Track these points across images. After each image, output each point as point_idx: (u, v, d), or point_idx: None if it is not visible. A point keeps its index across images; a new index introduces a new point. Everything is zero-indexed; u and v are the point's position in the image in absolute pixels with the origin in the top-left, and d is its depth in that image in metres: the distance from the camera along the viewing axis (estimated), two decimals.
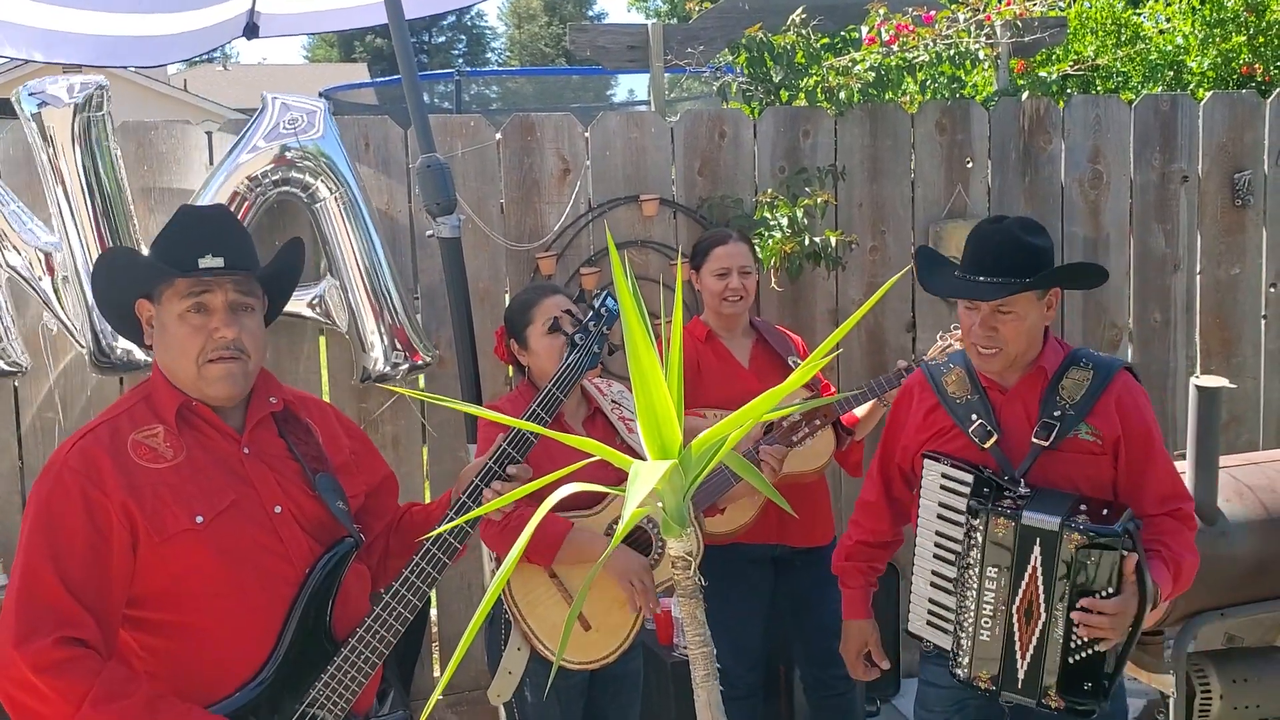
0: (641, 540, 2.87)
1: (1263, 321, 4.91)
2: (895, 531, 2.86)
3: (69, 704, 1.88)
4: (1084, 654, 2.42)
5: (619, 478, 1.66)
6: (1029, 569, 2.44)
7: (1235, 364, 4.85)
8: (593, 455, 1.75)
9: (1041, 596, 2.44)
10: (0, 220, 3.45)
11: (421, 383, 4.03)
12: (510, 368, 3.73)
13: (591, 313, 2.63)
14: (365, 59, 33.74)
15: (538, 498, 1.73)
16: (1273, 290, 4.89)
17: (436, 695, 1.99)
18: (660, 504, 1.72)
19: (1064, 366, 2.61)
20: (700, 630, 1.80)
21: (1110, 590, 2.37)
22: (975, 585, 2.51)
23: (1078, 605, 2.38)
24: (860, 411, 3.34)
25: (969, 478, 2.52)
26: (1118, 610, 2.36)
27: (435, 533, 2.18)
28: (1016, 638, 2.48)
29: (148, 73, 18.44)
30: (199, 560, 2.00)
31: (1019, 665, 2.48)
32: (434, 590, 4.09)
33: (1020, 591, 2.46)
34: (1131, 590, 2.38)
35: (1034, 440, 2.55)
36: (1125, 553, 2.36)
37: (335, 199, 3.64)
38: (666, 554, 2.74)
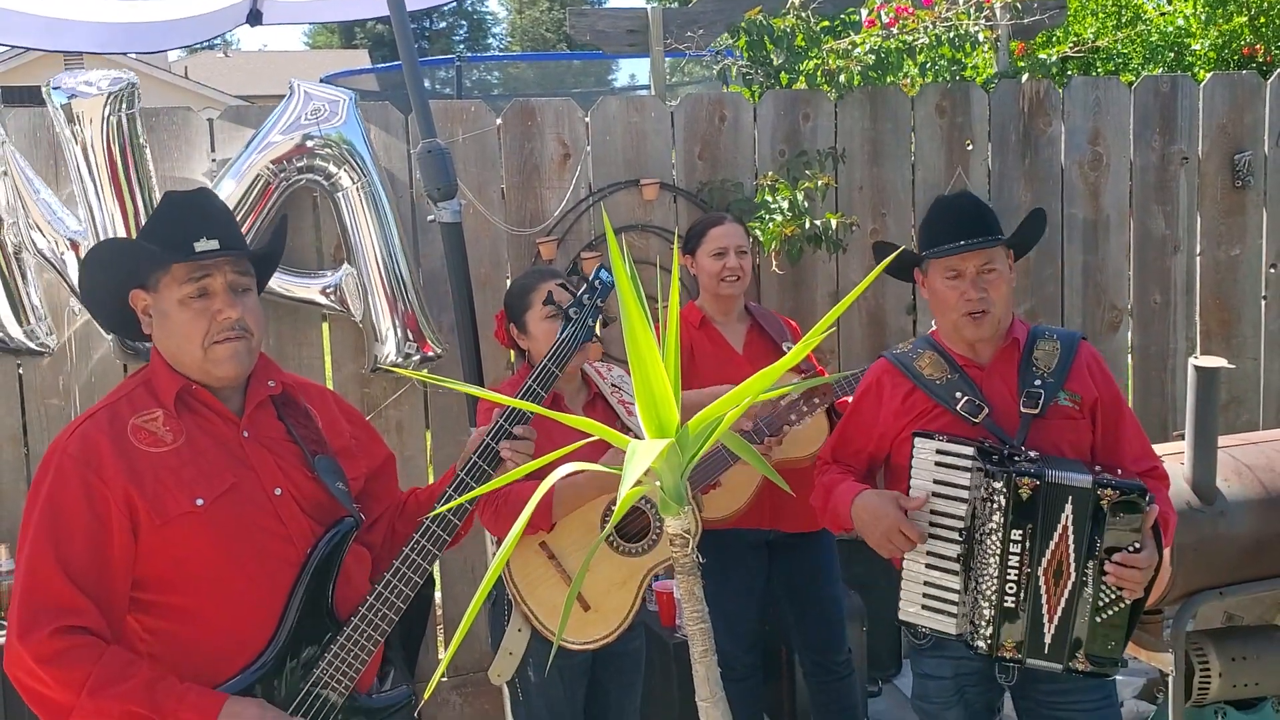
0: (639, 522, 2.89)
1: (1263, 302, 4.92)
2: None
3: (69, 691, 1.92)
4: (1111, 611, 2.43)
5: None
6: (1059, 528, 2.43)
7: (1235, 344, 4.87)
8: (592, 435, 1.76)
9: (1071, 555, 2.43)
10: (31, 208, 3.48)
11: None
12: (511, 352, 3.75)
13: (585, 285, 2.62)
14: (366, 45, 33.63)
15: (537, 477, 1.74)
16: (1273, 271, 4.89)
17: (439, 674, 2.01)
18: (658, 483, 1.74)
19: (1031, 339, 2.68)
20: (698, 606, 1.82)
21: (1136, 545, 2.40)
22: (997, 551, 2.46)
23: (1112, 560, 2.39)
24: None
25: (969, 450, 2.49)
26: (1148, 564, 2.40)
27: (437, 511, 2.19)
28: (1044, 600, 2.45)
29: (148, 59, 18.42)
30: (200, 543, 2.02)
31: (1046, 629, 2.46)
32: (438, 573, 4.09)
33: (1049, 552, 2.44)
34: (1152, 545, 2.42)
35: (1023, 410, 2.57)
36: (1147, 509, 2.40)
37: (358, 188, 3.66)
38: (664, 534, 2.75)
